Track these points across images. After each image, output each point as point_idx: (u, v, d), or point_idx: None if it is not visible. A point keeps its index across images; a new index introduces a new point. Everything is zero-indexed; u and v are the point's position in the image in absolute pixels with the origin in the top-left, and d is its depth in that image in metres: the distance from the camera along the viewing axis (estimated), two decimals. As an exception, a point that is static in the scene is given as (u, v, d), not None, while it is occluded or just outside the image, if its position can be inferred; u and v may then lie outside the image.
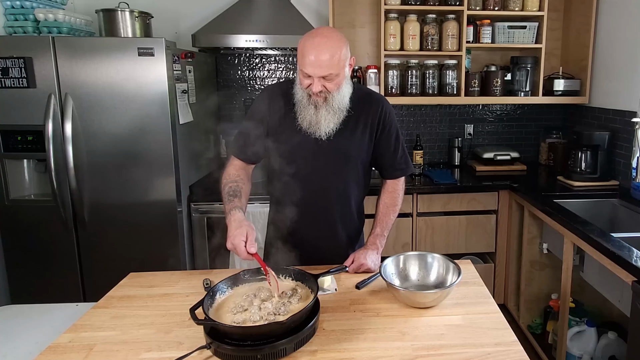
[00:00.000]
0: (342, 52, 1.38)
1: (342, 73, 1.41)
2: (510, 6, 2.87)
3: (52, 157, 2.25)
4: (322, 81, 1.38)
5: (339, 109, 1.46)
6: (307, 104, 1.44)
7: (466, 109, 3.29)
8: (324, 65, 1.35)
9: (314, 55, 1.34)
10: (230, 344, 1.05)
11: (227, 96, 3.17)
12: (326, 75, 1.37)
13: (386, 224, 1.62)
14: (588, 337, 2.16)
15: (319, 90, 1.39)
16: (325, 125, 1.45)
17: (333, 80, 1.40)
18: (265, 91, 1.60)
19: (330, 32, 1.40)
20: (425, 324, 1.22)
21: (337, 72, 1.39)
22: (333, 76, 1.38)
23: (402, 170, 1.64)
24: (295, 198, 1.52)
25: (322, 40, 1.36)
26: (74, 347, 1.14)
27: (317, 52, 1.34)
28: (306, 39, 1.38)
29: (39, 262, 2.39)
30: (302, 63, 1.38)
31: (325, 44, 1.35)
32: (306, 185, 1.51)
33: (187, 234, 2.52)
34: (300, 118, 1.46)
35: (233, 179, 1.52)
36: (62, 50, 2.22)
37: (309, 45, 1.36)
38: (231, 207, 1.40)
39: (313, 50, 1.34)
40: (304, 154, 1.50)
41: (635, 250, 1.65)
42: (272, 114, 1.53)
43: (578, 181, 2.60)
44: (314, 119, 1.45)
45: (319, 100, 1.43)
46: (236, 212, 1.38)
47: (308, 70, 1.36)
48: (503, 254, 2.83)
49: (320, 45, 1.35)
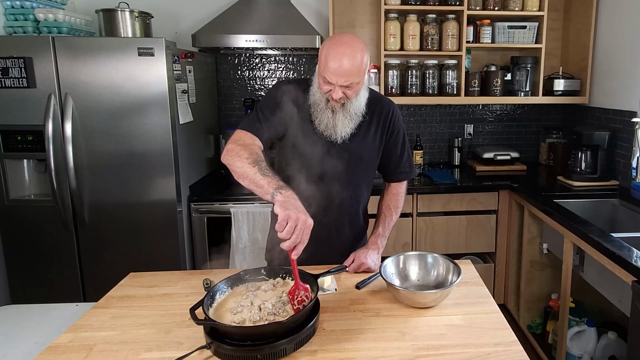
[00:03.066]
0: (364, 61, 1.38)
1: (362, 81, 1.42)
2: (510, 6, 2.87)
3: (52, 157, 2.25)
4: (343, 89, 1.39)
5: (356, 115, 1.46)
6: (324, 107, 1.44)
7: (466, 109, 3.29)
8: (346, 74, 1.35)
9: (337, 64, 1.34)
10: (230, 344, 1.05)
11: (227, 96, 3.17)
12: (348, 85, 1.38)
13: (388, 225, 1.62)
14: (588, 337, 2.16)
15: (339, 97, 1.39)
16: (341, 129, 1.45)
17: (353, 88, 1.40)
18: (285, 84, 1.52)
19: (354, 40, 1.39)
20: (425, 324, 1.22)
21: (358, 80, 1.39)
22: (354, 85, 1.39)
23: (406, 174, 1.65)
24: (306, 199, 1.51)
25: (347, 50, 1.35)
26: (74, 347, 1.14)
27: (341, 61, 1.34)
28: (330, 46, 1.37)
29: (39, 262, 2.39)
30: (323, 70, 1.37)
31: (350, 54, 1.34)
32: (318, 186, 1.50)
33: (187, 234, 2.52)
34: (317, 121, 1.46)
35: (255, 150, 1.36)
36: (62, 50, 2.22)
37: (333, 54, 1.35)
38: (274, 180, 1.23)
39: (337, 59, 1.34)
40: (317, 155, 1.49)
41: (635, 250, 1.65)
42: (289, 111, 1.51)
43: (578, 181, 2.60)
44: (331, 122, 1.45)
45: (336, 106, 1.43)
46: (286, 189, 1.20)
47: (330, 78, 1.36)
48: (503, 254, 2.83)
49: (344, 54, 1.34)
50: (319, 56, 1.40)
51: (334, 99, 1.40)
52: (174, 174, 2.35)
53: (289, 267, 1.31)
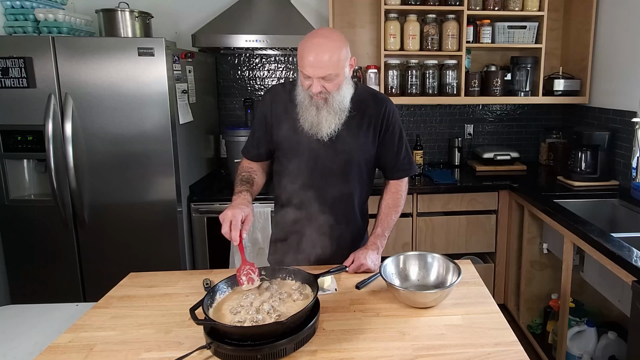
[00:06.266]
0: (341, 53, 1.38)
1: (342, 73, 1.41)
2: (510, 6, 2.87)
3: (52, 157, 2.25)
4: (322, 82, 1.38)
5: (340, 110, 1.46)
6: (309, 105, 1.45)
7: (466, 109, 3.29)
8: (323, 65, 1.35)
9: (312, 56, 1.34)
10: (230, 344, 1.05)
11: (227, 96, 3.17)
12: (325, 76, 1.37)
13: (387, 225, 1.61)
14: (588, 337, 2.17)
15: (318, 91, 1.39)
16: (326, 126, 1.45)
17: (332, 80, 1.40)
18: (268, 92, 1.61)
19: (330, 32, 1.40)
20: (425, 324, 1.22)
21: (337, 72, 1.38)
22: (332, 77, 1.38)
23: (405, 171, 1.64)
24: (298, 198, 1.52)
25: (321, 40, 1.36)
26: (74, 347, 1.14)
27: (316, 52, 1.34)
28: (305, 40, 1.38)
29: (39, 262, 2.39)
30: (301, 64, 1.38)
31: (325, 45, 1.35)
32: (309, 185, 1.52)
33: (187, 234, 2.52)
34: (302, 119, 1.46)
35: (246, 169, 1.60)
36: (62, 50, 2.22)
37: (308, 46, 1.36)
38: (241, 189, 1.49)
39: (312, 51, 1.35)
40: (307, 154, 1.51)
41: (635, 250, 1.65)
42: (275, 115, 1.54)
43: (578, 181, 2.60)
44: (315, 120, 1.45)
45: (319, 102, 1.43)
46: (244, 193, 1.46)
47: (307, 71, 1.37)
48: (503, 254, 2.83)
49: (319, 45, 1.35)
50: (297, 52, 1.41)
51: (314, 94, 1.40)
52: (174, 174, 2.35)
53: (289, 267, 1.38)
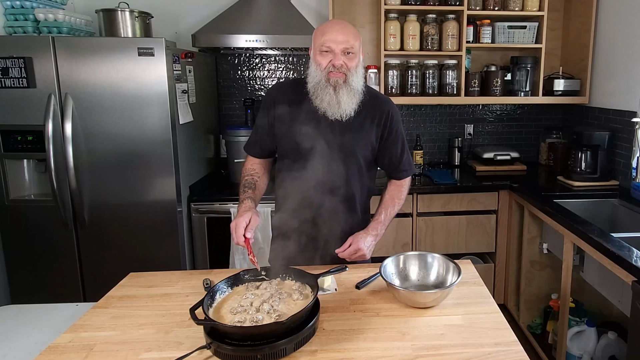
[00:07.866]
0: (359, 36, 1.49)
1: (359, 57, 1.49)
2: (510, 6, 2.87)
3: (52, 157, 2.25)
4: (343, 58, 1.44)
5: (357, 91, 1.49)
6: (325, 85, 1.45)
7: (466, 109, 3.29)
8: (345, 37, 1.43)
9: (335, 30, 1.43)
10: (230, 344, 1.05)
11: (227, 96, 3.17)
12: (348, 48, 1.43)
13: (389, 214, 1.62)
14: (588, 337, 2.16)
15: (340, 65, 1.43)
16: (345, 105, 1.47)
17: (353, 59, 1.46)
18: (272, 88, 1.65)
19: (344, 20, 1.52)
20: (425, 324, 1.22)
21: (356, 50, 1.46)
22: (354, 52, 1.45)
23: (407, 171, 1.68)
24: (299, 197, 1.52)
25: (340, 21, 1.49)
26: (74, 347, 1.14)
27: (340, 26, 1.45)
28: (323, 25, 1.49)
29: (39, 262, 2.39)
30: (321, 42, 1.44)
31: (344, 23, 1.48)
32: (310, 181, 1.51)
33: (187, 234, 2.52)
34: (318, 100, 1.47)
35: (249, 172, 1.63)
36: (62, 50, 2.22)
37: (329, 24, 1.47)
38: (244, 197, 1.53)
39: (335, 25, 1.45)
40: (308, 152, 1.50)
41: (635, 250, 1.65)
42: (277, 110, 1.55)
43: (578, 181, 2.60)
44: (334, 99, 1.46)
45: (339, 80, 1.45)
46: (247, 201, 1.51)
47: (330, 44, 1.42)
48: (503, 254, 2.83)
49: (339, 23, 1.47)
50: (313, 40, 1.49)
51: (335, 67, 1.43)
52: (174, 174, 2.35)
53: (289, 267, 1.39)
